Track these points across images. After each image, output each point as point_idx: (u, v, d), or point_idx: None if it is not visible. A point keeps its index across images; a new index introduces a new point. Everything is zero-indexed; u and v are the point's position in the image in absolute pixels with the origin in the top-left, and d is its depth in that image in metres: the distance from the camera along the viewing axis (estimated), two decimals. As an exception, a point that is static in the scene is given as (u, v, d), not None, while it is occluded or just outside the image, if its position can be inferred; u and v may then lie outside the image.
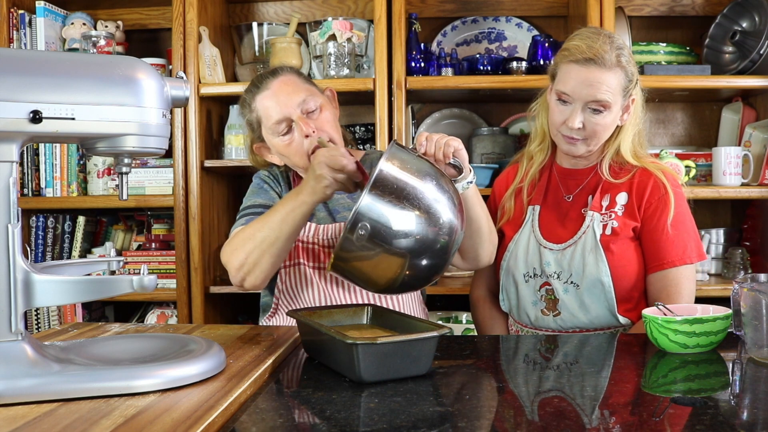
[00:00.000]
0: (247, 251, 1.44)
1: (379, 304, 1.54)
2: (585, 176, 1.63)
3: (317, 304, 1.57)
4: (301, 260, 1.59)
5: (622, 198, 1.56)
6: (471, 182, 1.41)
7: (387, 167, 1.16)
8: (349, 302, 1.57)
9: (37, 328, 2.42)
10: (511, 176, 1.74)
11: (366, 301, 1.56)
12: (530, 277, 1.60)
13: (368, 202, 1.13)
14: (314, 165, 1.36)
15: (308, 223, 1.61)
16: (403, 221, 1.14)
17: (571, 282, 1.54)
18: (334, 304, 1.57)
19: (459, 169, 1.37)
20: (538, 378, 1.10)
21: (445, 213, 1.18)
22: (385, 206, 1.13)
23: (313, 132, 1.53)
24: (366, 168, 1.71)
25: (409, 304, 1.63)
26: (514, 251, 1.63)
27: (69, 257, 2.47)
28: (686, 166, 2.26)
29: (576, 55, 1.49)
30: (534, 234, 1.62)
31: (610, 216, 1.55)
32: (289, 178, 1.71)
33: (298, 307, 1.60)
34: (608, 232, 1.54)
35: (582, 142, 1.54)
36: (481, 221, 1.49)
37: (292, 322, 1.59)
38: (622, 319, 1.53)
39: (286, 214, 1.40)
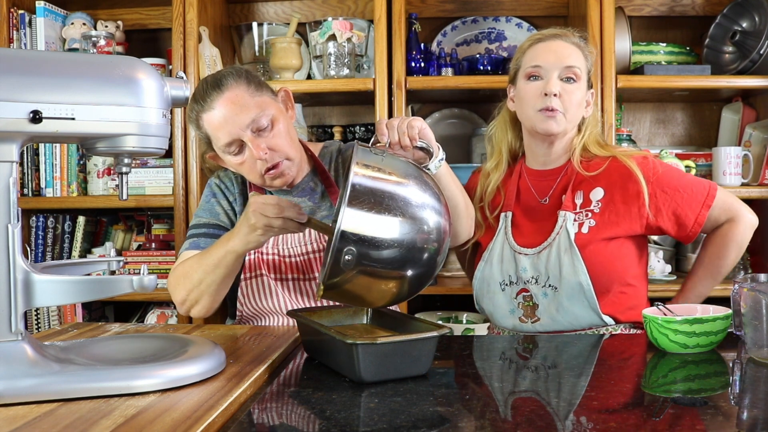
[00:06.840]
0: (187, 289, 1.46)
1: None
2: (556, 176, 1.59)
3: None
4: (263, 272, 1.56)
5: (597, 194, 1.53)
6: (442, 160, 1.34)
7: (358, 179, 1.05)
8: None
9: (37, 328, 2.42)
10: (476, 184, 1.70)
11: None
12: (506, 285, 1.57)
13: (349, 222, 1.02)
14: (248, 213, 1.29)
15: None
16: (387, 233, 1.04)
17: (549, 285, 1.50)
18: None
19: (428, 151, 1.29)
20: (536, 377, 1.10)
21: (431, 216, 1.08)
22: (366, 223, 1.03)
23: (265, 154, 1.46)
24: (324, 163, 1.63)
25: None
26: (488, 259, 1.60)
27: (69, 257, 2.47)
28: (686, 166, 2.26)
29: (542, 35, 1.57)
30: (507, 240, 1.58)
31: (587, 215, 1.51)
32: (244, 181, 1.63)
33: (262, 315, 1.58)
34: (585, 230, 1.50)
35: (560, 115, 1.51)
36: (456, 198, 1.44)
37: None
38: (606, 318, 1.49)
39: (219, 259, 1.39)
